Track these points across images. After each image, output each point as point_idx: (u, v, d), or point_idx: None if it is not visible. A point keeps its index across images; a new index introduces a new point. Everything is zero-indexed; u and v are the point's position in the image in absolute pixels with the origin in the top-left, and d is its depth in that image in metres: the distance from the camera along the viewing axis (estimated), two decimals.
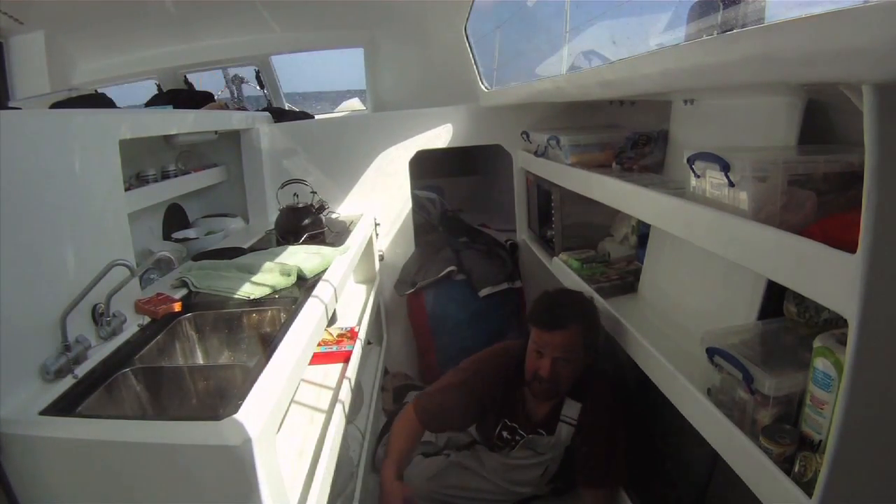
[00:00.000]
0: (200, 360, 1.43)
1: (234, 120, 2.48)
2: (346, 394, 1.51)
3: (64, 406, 0.96)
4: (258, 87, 3.39)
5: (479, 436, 1.84)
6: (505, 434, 1.73)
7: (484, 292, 2.46)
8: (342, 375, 1.60)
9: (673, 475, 1.51)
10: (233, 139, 2.50)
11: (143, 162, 1.97)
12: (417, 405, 1.76)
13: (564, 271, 1.93)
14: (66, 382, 1.03)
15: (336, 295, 1.57)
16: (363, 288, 2.42)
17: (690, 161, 1.03)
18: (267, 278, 1.56)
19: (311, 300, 1.40)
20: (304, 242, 1.95)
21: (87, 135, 1.25)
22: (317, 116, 3.12)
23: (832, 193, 0.83)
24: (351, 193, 2.64)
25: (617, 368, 1.79)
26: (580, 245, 2.03)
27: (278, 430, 1.00)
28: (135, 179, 1.91)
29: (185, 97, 2.92)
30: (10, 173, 0.97)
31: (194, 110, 2.53)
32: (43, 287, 1.04)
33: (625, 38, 1.56)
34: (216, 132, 2.32)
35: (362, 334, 1.90)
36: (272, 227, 2.18)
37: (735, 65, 0.76)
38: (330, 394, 1.50)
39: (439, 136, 2.61)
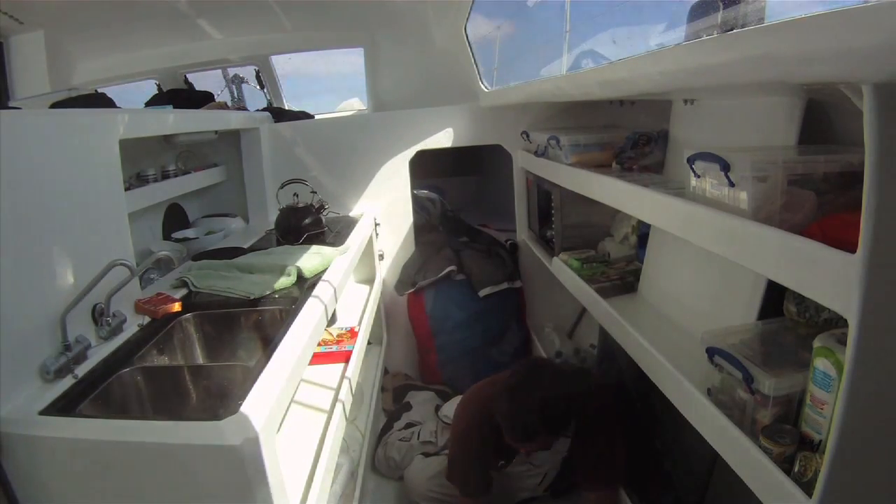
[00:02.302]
0: (200, 360, 1.43)
1: (234, 120, 2.48)
2: (346, 394, 1.51)
3: (64, 406, 0.96)
4: (258, 87, 3.39)
5: None
6: (502, 462, 1.74)
7: (484, 292, 2.46)
8: (342, 375, 1.60)
9: (673, 475, 1.51)
10: (233, 139, 2.50)
11: (143, 162, 1.97)
12: (454, 484, 1.72)
13: (564, 271, 1.93)
14: (66, 382, 1.03)
15: (336, 295, 1.57)
16: (363, 288, 2.42)
17: (690, 161, 1.03)
18: (267, 278, 1.56)
19: (311, 300, 1.40)
20: (304, 242, 1.95)
21: (87, 135, 1.25)
22: (317, 116, 3.12)
23: (832, 193, 0.83)
24: (351, 193, 2.64)
25: (616, 369, 1.80)
26: (580, 245, 2.03)
27: (278, 430, 1.00)
28: (135, 179, 1.91)
29: (185, 97, 2.91)
30: (10, 173, 0.97)
31: (194, 110, 2.53)
32: (43, 287, 1.04)
33: (625, 38, 1.56)
34: (216, 132, 2.32)
35: (362, 334, 1.90)
36: (272, 227, 2.18)
37: (735, 65, 0.76)
38: (330, 394, 1.50)
39: (439, 136, 2.61)
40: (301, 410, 1.42)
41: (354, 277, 2.48)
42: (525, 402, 1.47)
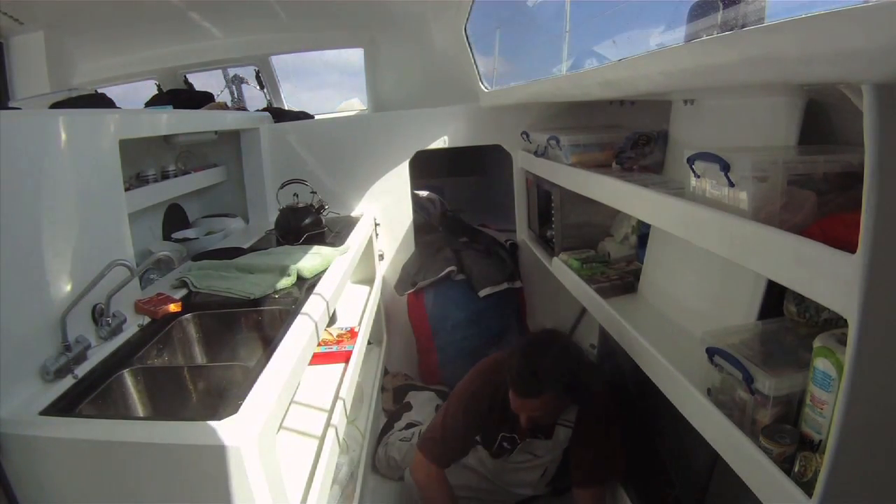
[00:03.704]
0: (200, 360, 1.43)
1: (234, 120, 2.48)
2: (346, 394, 1.51)
3: (64, 406, 0.96)
4: (258, 87, 3.39)
5: (482, 444, 1.83)
6: (505, 444, 1.73)
7: (484, 292, 2.46)
8: (342, 375, 1.60)
9: (673, 475, 1.51)
10: (233, 139, 2.50)
11: (143, 162, 1.97)
12: (431, 454, 1.71)
13: (564, 271, 1.93)
14: (66, 382, 1.03)
15: (336, 295, 1.56)
16: (363, 288, 2.42)
17: (690, 161, 1.03)
18: (267, 278, 1.56)
19: (311, 300, 1.40)
20: (304, 242, 1.95)
21: (87, 135, 1.25)
22: (317, 116, 3.12)
23: (832, 193, 0.83)
24: (351, 193, 2.64)
25: (615, 368, 1.80)
26: (580, 245, 2.03)
27: (278, 430, 1.00)
28: (135, 179, 1.91)
29: (185, 97, 2.92)
30: (10, 173, 0.97)
31: (194, 110, 2.53)
32: (43, 287, 1.04)
33: (625, 38, 1.56)
34: (216, 132, 2.32)
35: (362, 334, 1.90)
36: (272, 227, 2.18)
37: (735, 65, 0.76)
38: (330, 394, 1.50)
39: (439, 136, 2.61)
40: (301, 410, 1.42)
41: (354, 277, 2.48)
42: (538, 357, 1.50)
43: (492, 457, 1.77)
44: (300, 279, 1.59)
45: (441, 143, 2.61)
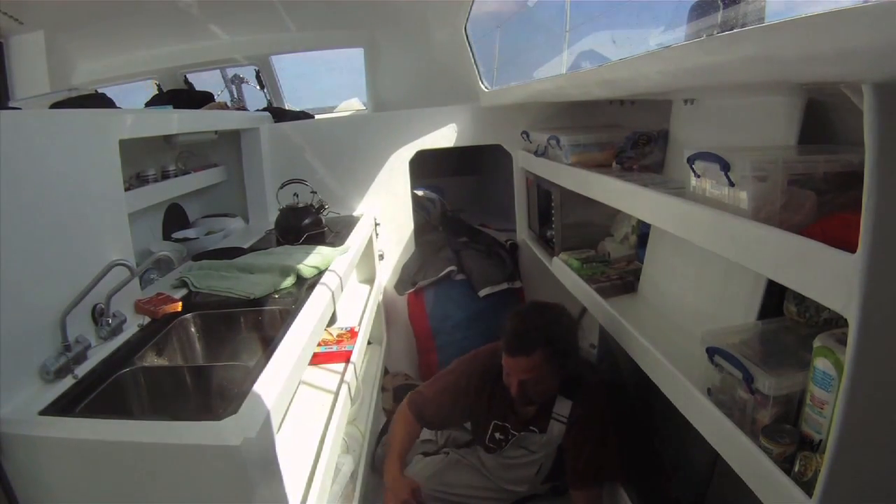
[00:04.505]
0: (200, 361, 1.43)
1: (234, 120, 2.48)
2: (346, 394, 1.51)
3: (64, 406, 0.96)
4: (258, 87, 3.39)
5: (474, 437, 1.84)
6: (497, 435, 1.73)
7: (484, 292, 2.46)
8: (342, 375, 1.60)
9: (673, 475, 1.51)
10: (233, 139, 2.50)
11: (143, 162, 1.97)
12: (412, 404, 1.79)
13: (564, 271, 1.93)
14: (66, 382, 1.03)
15: (336, 295, 1.57)
16: (363, 288, 2.42)
17: (690, 161, 1.03)
18: (267, 278, 1.56)
19: (311, 300, 1.40)
20: (304, 242, 1.95)
21: (87, 135, 1.25)
22: (317, 116, 3.12)
23: (832, 193, 0.83)
24: (351, 193, 2.64)
25: (615, 368, 1.80)
26: (580, 245, 2.03)
27: (278, 430, 1.00)
28: (135, 179, 1.91)
29: (185, 97, 2.91)
30: (10, 173, 0.97)
31: (194, 110, 2.53)
32: (43, 287, 1.04)
33: (625, 38, 1.56)
34: (216, 132, 2.32)
35: (362, 334, 1.90)
36: (272, 227, 2.18)
37: (735, 65, 0.76)
38: (330, 394, 1.50)
39: (439, 136, 2.61)
40: (301, 410, 1.42)
41: (355, 277, 2.48)
42: (531, 317, 1.56)
43: (485, 451, 1.78)
44: (300, 279, 1.59)
45: (441, 141, 2.61)
